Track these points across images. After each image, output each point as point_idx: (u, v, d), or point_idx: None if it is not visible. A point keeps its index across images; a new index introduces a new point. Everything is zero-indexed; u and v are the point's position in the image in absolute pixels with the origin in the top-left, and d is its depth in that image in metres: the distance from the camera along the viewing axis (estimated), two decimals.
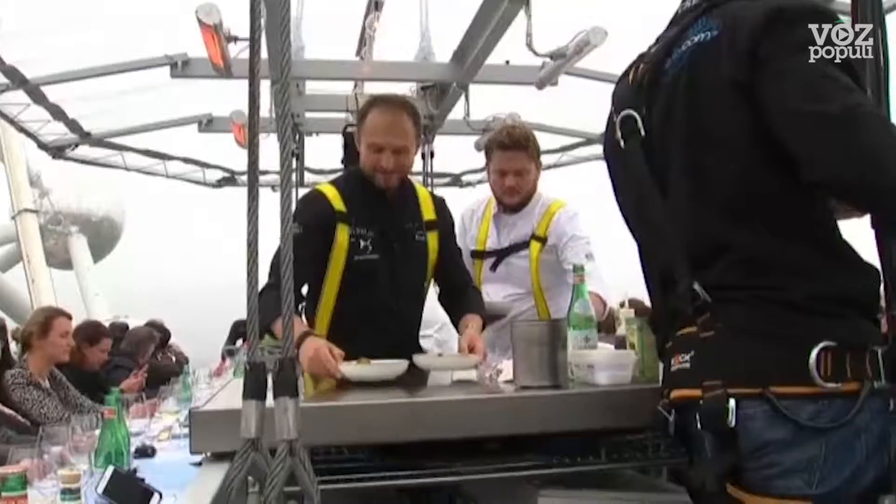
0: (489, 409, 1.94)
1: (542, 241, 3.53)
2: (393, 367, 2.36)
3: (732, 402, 1.55)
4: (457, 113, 6.46)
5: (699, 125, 1.68)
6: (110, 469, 1.94)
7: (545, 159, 7.99)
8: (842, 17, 1.57)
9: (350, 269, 2.79)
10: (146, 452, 2.73)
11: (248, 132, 1.34)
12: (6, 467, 1.11)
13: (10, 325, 5.77)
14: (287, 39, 1.30)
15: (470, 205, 3.84)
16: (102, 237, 24.14)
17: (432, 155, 6.80)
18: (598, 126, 7.37)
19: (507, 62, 5.59)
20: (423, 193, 2.99)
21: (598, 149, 7.64)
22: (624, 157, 1.87)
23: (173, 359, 6.80)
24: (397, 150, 2.73)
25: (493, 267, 3.62)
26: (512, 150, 3.45)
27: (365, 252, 2.78)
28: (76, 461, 2.00)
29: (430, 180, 6.89)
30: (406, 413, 1.81)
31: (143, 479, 1.99)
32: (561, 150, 8.00)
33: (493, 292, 3.58)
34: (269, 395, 1.26)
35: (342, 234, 2.77)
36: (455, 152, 7.51)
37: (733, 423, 1.54)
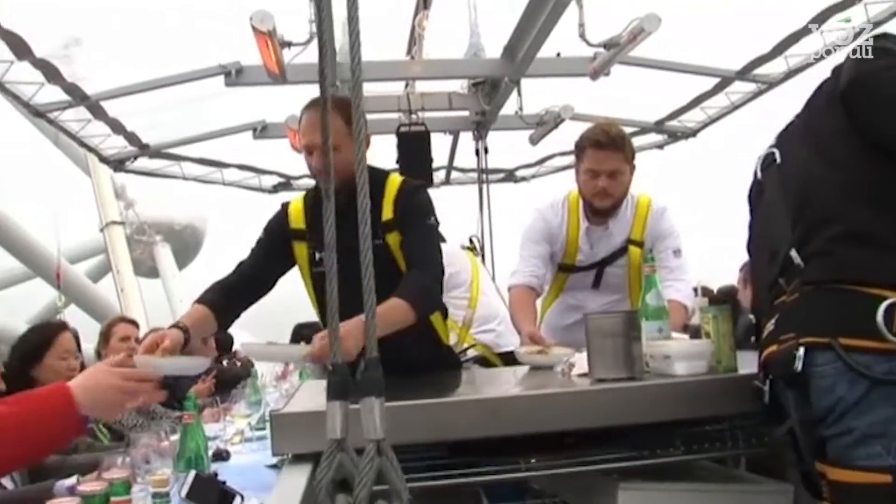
0: (567, 404, 1.92)
1: (641, 244, 3.41)
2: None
3: (801, 350, 1.69)
4: (508, 108, 6.45)
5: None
6: (192, 473, 1.97)
7: None
8: None
9: (314, 281, 2.80)
10: (221, 456, 2.77)
11: (322, 135, 1.34)
12: (110, 473, 1.13)
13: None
14: (357, 41, 1.29)
15: (548, 204, 3.55)
16: (186, 245, 24.68)
17: (486, 151, 6.79)
18: (652, 114, 7.33)
19: (559, 54, 5.55)
20: (389, 191, 2.76)
21: (653, 138, 7.57)
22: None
23: (238, 364, 6.89)
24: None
25: (596, 283, 3.51)
26: (607, 149, 3.20)
27: (320, 264, 2.73)
28: (159, 466, 2.03)
29: (484, 176, 6.89)
30: (486, 409, 1.80)
31: (224, 482, 2.01)
32: None
33: (589, 300, 3.52)
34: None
35: (300, 250, 2.79)
36: (508, 148, 7.48)
37: (799, 368, 1.69)
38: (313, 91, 5.87)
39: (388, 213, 2.70)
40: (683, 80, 6.18)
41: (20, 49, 4.81)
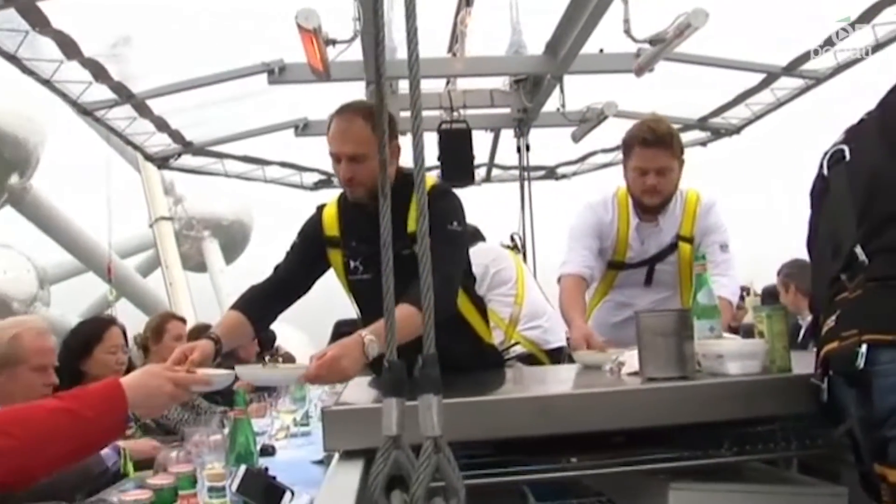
0: (619, 403, 1.91)
1: (691, 240, 3.40)
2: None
3: (864, 347, 1.67)
4: (550, 105, 6.42)
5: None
6: (243, 467, 1.98)
7: None
8: None
9: (352, 289, 2.80)
10: (267, 451, 2.80)
11: (378, 130, 1.34)
12: (177, 467, 1.14)
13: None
14: (415, 38, 1.29)
15: (599, 199, 3.52)
16: (233, 240, 25.02)
17: (528, 148, 6.78)
18: (696, 111, 7.25)
19: (601, 51, 5.52)
20: (415, 202, 2.72)
21: (696, 135, 7.49)
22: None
23: (280, 360, 6.93)
24: (352, 158, 2.57)
25: (647, 280, 3.48)
26: (655, 147, 3.18)
27: (356, 273, 2.74)
28: (211, 460, 2.05)
29: (525, 174, 6.87)
30: (536, 407, 1.79)
31: (274, 477, 2.03)
32: None
33: (639, 298, 3.49)
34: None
35: (335, 257, 2.79)
36: (549, 145, 7.45)
37: (861, 366, 1.66)
38: (356, 88, 5.97)
39: (412, 223, 2.61)
40: (728, 75, 6.10)
41: (69, 49, 4.89)
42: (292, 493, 1.99)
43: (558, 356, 4.17)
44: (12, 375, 2.65)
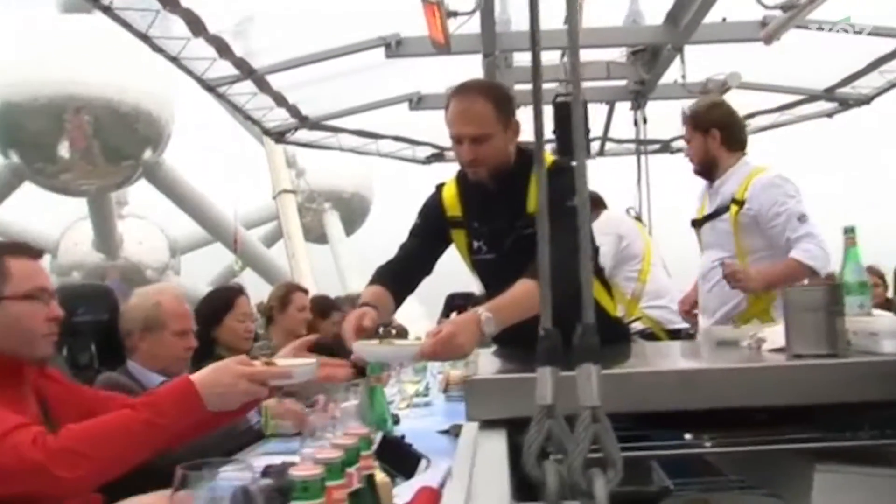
0: (766, 379, 1.84)
1: (740, 204, 3.50)
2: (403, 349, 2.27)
3: None
4: (667, 76, 6.27)
5: None
6: (380, 434, 2.01)
7: (761, 120, 7.62)
8: None
9: (476, 268, 2.77)
10: (393, 420, 2.83)
11: (534, 99, 1.31)
12: (353, 429, 1.14)
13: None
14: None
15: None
16: (353, 212, 25.67)
17: (644, 121, 6.64)
18: (821, 81, 6.92)
19: (724, 19, 5.34)
20: (535, 180, 2.66)
21: (821, 106, 7.19)
22: None
23: (393, 332, 7.04)
24: (475, 139, 2.49)
25: (698, 230, 3.74)
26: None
27: (480, 252, 2.69)
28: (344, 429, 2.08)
29: (642, 147, 6.74)
30: (679, 381, 1.75)
31: (410, 445, 2.05)
32: (779, 110, 7.55)
33: (705, 258, 3.69)
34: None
35: (458, 237, 2.74)
36: (666, 118, 7.27)
37: None
38: (471, 61, 5.95)
39: (532, 204, 2.57)
40: (856, 42, 5.80)
41: (196, 26, 5.04)
42: (428, 461, 2.01)
43: (678, 337, 4.12)
44: (157, 340, 2.77)
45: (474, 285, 3.66)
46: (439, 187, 2.82)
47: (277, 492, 1.05)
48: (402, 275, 2.71)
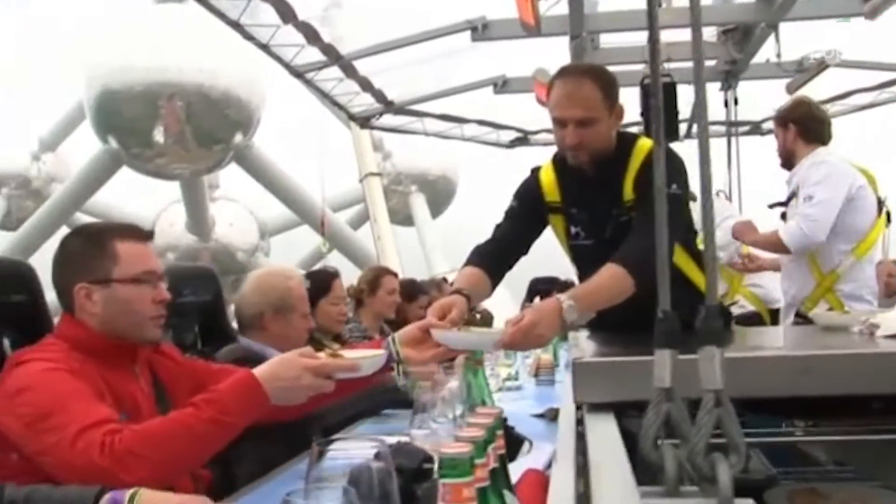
0: (884, 365, 1.78)
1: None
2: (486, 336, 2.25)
3: None
4: (760, 56, 6.09)
5: None
6: None
7: (860, 98, 7.35)
8: None
9: (572, 253, 2.74)
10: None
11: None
12: (469, 431, 1.10)
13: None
14: None
15: None
16: (439, 194, 25.87)
17: (735, 102, 6.47)
18: None
19: None
20: (633, 164, 2.54)
21: None
22: None
23: (478, 316, 7.04)
24: (581, 123, 2.42)
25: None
26: None
27: (577, 238, 2.66)
28: (443, 410, 2.09)
29: (732, 129, 6.58)
30: (796, 367, 1.70)
31: (513, 427, 2.04)
32: (879, 88, 7.25)
33: None
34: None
35: (556, 221, 2.70)
36: (756, 98, 7.08)
37: None
38: (557, 44, 5.89)
39: (628, 192, 2.51)
40: None
41: (286, 13, 5.12)
42: (530, 444, 2.01)
43: (777, 317, 4.09)
44: (287, 321, 2.84)
45: (558, 270, 3.68)
46: (535, 171, 2.78)
47: (397, 471, 1.06)
48: (499, 256, 2.69)
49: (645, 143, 2.57)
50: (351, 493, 0.87)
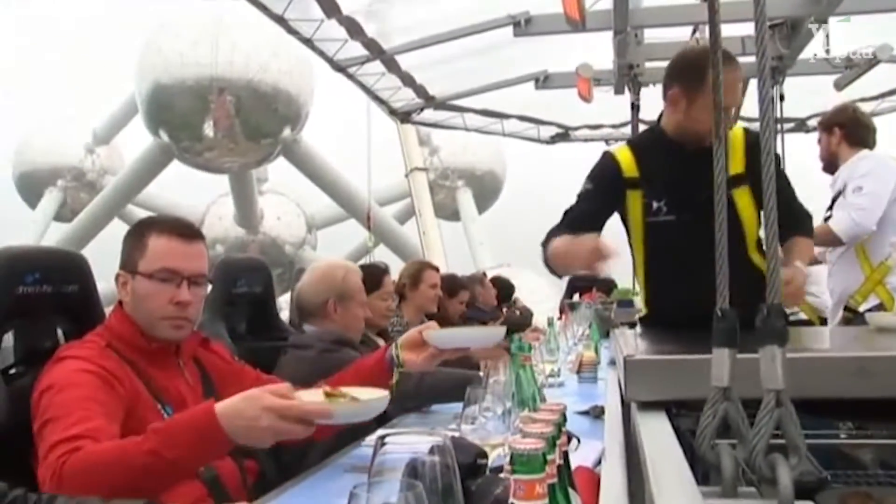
0: None
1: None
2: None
3: None
4: (807, 51, 6.00)
5: None
6: None
7: None
8: None
9: (647, 230, 2.76)
10: None
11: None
12: (536, 426, 1.08)
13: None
14: None
15: None
16: (486, 189, 25.91)
17: (782, 98, 6.37)
18: None
19: None
20: (735, 142, 2.70)
21: None
22: None
23: (517, 312, 7.05)
24: (734, 108, 2.65)
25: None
26: None
27: (658, 214, 2.70)
28: (493, 405, 2.09)
29: (779, 126, 6.48)
30: (853, 368, 1.68)
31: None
32: None
33: None
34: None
35: (633, 198, 2.75)
36: (803, 95, 6.96)
37: None
38: (599, 39, 5.84)
39: (736, 166, 2.64)
40: None
41: (330, 7, 5.14)
42: (578, 441, 2.00)
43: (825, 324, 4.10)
44: (347, 309, 2.94)
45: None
46: (608, 154, 2.87)
47: (447, 467, 1.05)
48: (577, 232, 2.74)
49: (738, 129, 2.77)
50: (417, 486, 0.87)
